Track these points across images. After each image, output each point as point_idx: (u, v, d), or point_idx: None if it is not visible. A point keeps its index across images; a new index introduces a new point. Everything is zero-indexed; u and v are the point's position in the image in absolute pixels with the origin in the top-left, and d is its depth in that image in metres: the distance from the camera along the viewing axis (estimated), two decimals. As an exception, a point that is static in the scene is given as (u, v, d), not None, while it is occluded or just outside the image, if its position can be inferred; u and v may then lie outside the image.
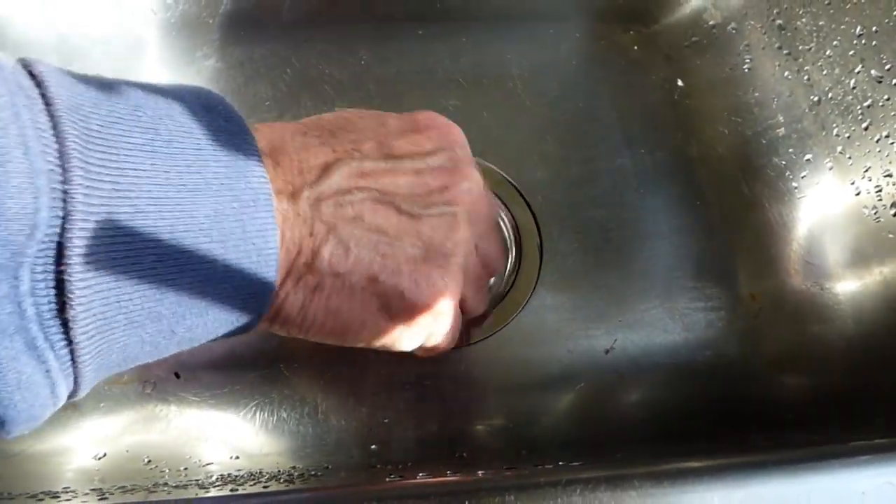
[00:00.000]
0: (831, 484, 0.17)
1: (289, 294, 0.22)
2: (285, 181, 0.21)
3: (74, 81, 0.17)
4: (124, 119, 0.17)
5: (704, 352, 0.35)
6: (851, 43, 0.35)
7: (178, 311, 0.18)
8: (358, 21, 0.44)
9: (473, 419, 0.32)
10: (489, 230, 0.28)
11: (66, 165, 0.15)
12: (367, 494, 0.16)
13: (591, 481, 0.16)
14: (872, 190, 0.34)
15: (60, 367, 0.16)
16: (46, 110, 0.15)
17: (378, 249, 0.23)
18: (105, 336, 0.17)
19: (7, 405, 0.16)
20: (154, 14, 0.42)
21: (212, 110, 0.19)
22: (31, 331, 0.15)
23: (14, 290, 0.15)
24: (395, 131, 0.25)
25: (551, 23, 0.45)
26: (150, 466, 0.28)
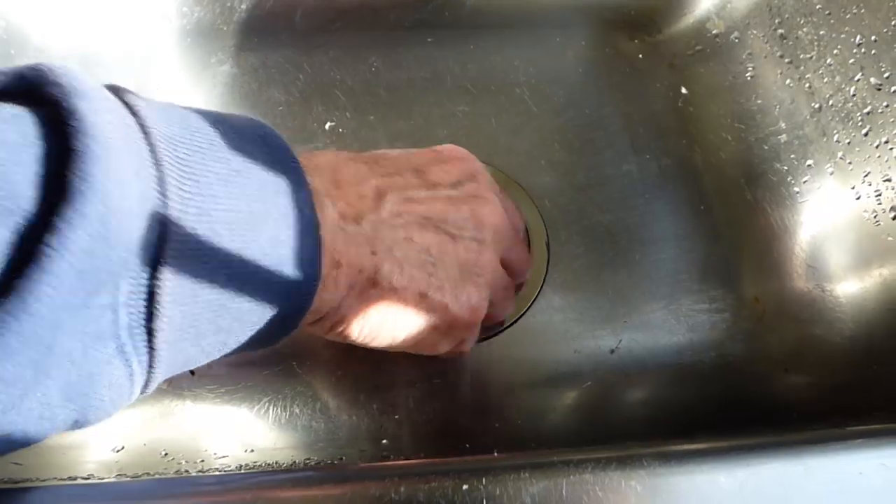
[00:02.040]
0: (830, 464, 0.18)
1: (352, 306, 0.24)
2: (348, 205, 0.24)
3: (160, 110, 0.18)
4: (204, 149, 0.18)
5: (709, 353, 0.36)
6: (851, 52, 0.36)
7: (234, 326, 0.19)
8: (369, 29, 0.45)
9: (482, 416, 0.33)
10: (514, 242, 0.31)
11: (165, 192, 0.17)
12: (389, 471, 0.17)
13: (601, 461, 0.17)
14: (872, 194, 0.35)
15: (140, 371, 0.17)
16: (145, 138, 0.17)
17: (425, 268, 0.25)
18: (178, 345, 0.18)
19: (97, 404, 0.17)
20: (170, 22, 0.43)
21: (268, 142, 0.21)
22: (122, 337, 0.16)
23: (114, 300, 0.16)
24: (425, 162, 0.28)
25: (558, 31, 0.46)
26: (168, 459, 0.29)
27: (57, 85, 0.16)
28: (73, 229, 0.14)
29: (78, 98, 0.15)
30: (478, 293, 0.27)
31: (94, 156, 0.15)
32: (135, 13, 0.42)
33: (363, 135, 0.41)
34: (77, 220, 0.14)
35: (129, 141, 0.16)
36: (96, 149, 0.15)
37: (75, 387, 0.16)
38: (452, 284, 0.26)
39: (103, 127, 0.15)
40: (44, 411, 0.16)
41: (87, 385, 0.16)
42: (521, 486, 0.17)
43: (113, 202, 0.15)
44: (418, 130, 0.42)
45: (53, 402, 0.16)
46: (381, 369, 0.34)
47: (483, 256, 0.27)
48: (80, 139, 0.15)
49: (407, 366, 0.34)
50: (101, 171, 0.15)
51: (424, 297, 0.25)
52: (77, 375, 0.16)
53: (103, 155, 0.15)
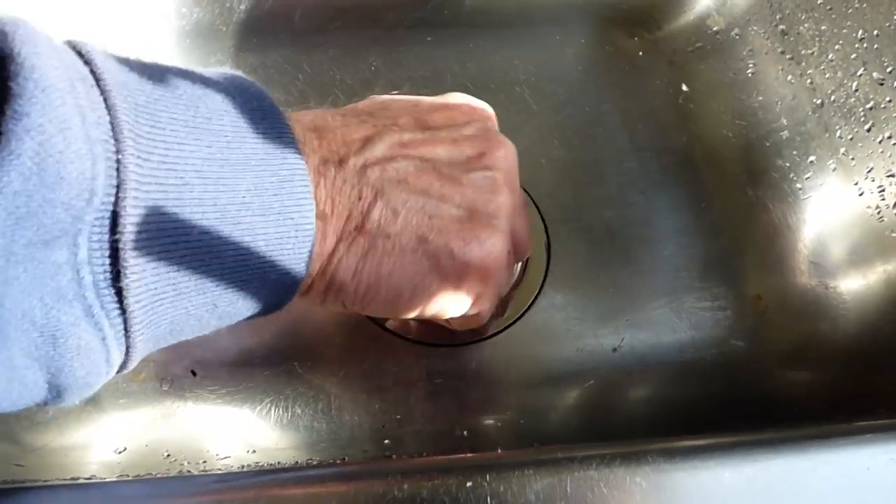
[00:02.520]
0: (837, 459, 0.18)
1: (342, 258, 0.22)
2: (331, 151, 0.22)
3: (118, 61, 0.17)
4: (167, 96, 0.17)
5: (711, 350, 0.36)
6: (853, 47, 0.36)
7: (220, 283, 0.18)
8: (368, 28, 0.45)
9: (484, 415, 0.33)
10: (521, 206, 0.29)
11: (119, 136, 0.15)
12: (393, 469, 0.17)
13: (606, 457, 0.17)
14: (875, 190, 0.35)
15: (115, 336, 0.17)
16: (97, 84, 0.16)
17: (425, 210, 0.23)
18: (155, 307, 0.17)
19: (67, 372, 0.16)
20: (169, 22, 0.43)
21: (245, 92, 0.20)
22: (88, 298, 0.16)
23: (73, 257, 0.15)
24: (428, 108, 0.26)
25: (557, 29, 0.46)
26: (170, 460, 0.29)
27: (1, 33, 0.15)
28: (3, 170, 0.13)
29: (20, 43, 0.15)
30: (492, 237, 0.24)
31: (30, 95, 0.14)
32: (134, 14, 0.42)
33: (363, 134, 0.41)
34: (7, 161, 0.13)
35: (75, 84, 0.15)
36: (32, 88, 0.14)
37: (41, 348, 0.15)
38: (458, 228, 0.23)
39: (43, 69, 0.14)
40: (10, 374, 0.15)
41: (52, 347, 0.16)
42: (525, 482, 0.17)
43: (50, 143, 0.14)
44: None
45: (17, 364, 0.15)
46: (383, 369, 0.34)
47: (497, 197, 0.24)
48: (17, 81, 0.14)
49: (409, 365, 0.34)
50: (36, 111, 0.14)
51: (424, 242, 0.23)
52: (39, 337, 0.15)
53: (40, 95, 0.14)
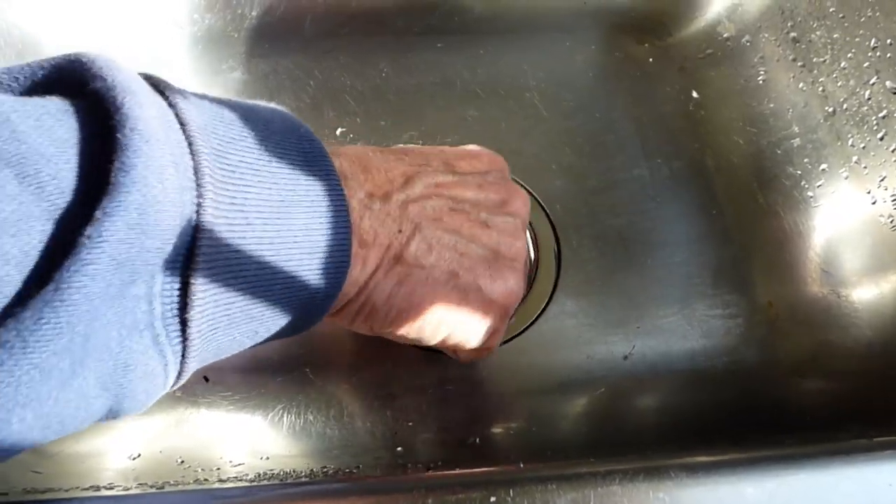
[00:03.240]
0: (859, 475, 0.18)
1: (378, 283, 0.23)
2: (375, 185, 0.23)
3: (195, 102, 0.18)
4: (236, 140, 0.18)
5: (722, 358, 0.36)
6: (866, 55, 0.35)
7: (266, 314, 0.19)
8: (378, 34, 0.45)
9: (496, 422, 0.33)
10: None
11: (200, 182, 0.17)
12: (416, 483, 0.17)
13: (628, 472, 0.17)
14: (888, 199, 0.35)
15: (173, 361, 0.18)
16: (182, 130, 0.17)
17: (456, 248, 0.25)
18: (210, 334, 0.18)
19: (130, 397, 0.17)
20: (181, 29, 0.43)
21: (295, 132, 0.21)
22: (156, 328, 0.17)
23: (149, 290, 0.16)
24: (453, 155, 0.28)
25: (567, 35, 0.46)
26: (184, 466, 0.29)
27: (100, 79, 0.16)
28: (111, 220, 0.14)
29: (121, 92, 0.16)
30: (514, 277, 0.26)
31: (136, 148, 0.15)
32: (147, 20, 0.42)
33: (374, 140, 0.41)
34: (116, 211, 0.14)
35: (169, 133, 0.16)
36: (138, 141, 0.15)
37: (111, 377, 0.16)
38: (485, 267, 0.26)
39: (145, 120, 0.16)
40: (80, 402, 0.16)
41: (123, 375, 0.16)
42: (548, 497, 0.17)
43: (152, 193, 0.15)
44: (428, 135, 0.42)
45: (90, 393, 0.16)
46: (395, 376, 0.34)
47: (517, 242, 0.27)
48: (124, 132, 0.15)
49: (420, 372, 0.34)
50: (141, 163, 0.15)
51: (455, 277, 0.25)
52: (113, 366, 0.16)
53: (144, 147, 0.15)
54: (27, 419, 0.15)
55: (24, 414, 0.15)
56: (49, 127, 0.15)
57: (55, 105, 0.16)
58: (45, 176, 0.14)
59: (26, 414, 0.15)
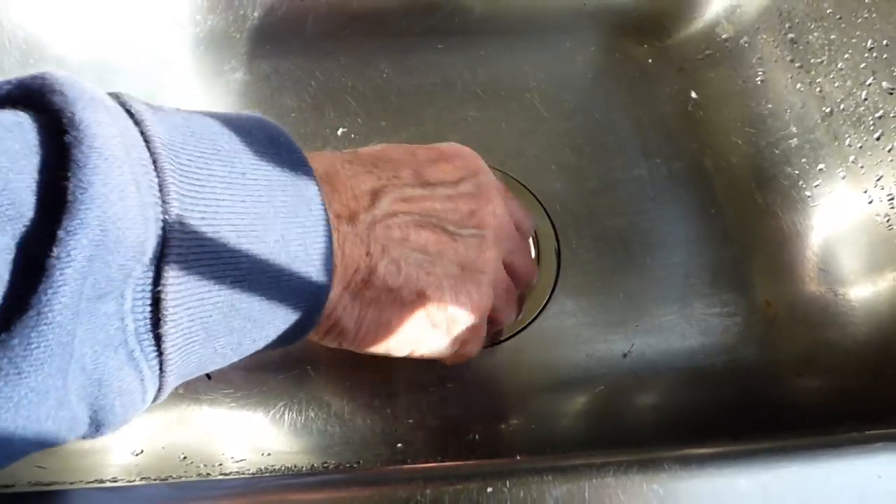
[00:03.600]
0: (850, 467, 0.18)
1: (346, 307, 0.23)
2: (342, 205, 0.23)
3: (163, 118, 0.18)
4: (206, 154, 0.18)
5: (721, 356, 0.36)
6: (863, 56, 0.36)
7: (246, 326, 0.19)
8: (379, 35, 0.45)
9: (496, 419, 0.33)
10: (517, 245, 0.31)
11: (166, 198, 0.17)
12: (415, 474, 0.17)
13: (623, 464, 0.17)
14: (885, 198, 0.35)
15: (151, 376, 0.18)
16: (147, 146, 0.17)
17: (423, 267, 0.25)
18: (188, 348, 0.18)
19: (109, 410, 0.17)
20: (183, 29, 0.43)
21: (275, 142, 0.21)
22: (130, 344, 0.17)
23: (120, 308, 0.16)
24: (425, 160, 0.27)
25: (567, 36, 0.46)
26: (187, 462, 0.29)
27: (60, 94, 0.16)
28: (75, 238, 0.15)
29: (80, 107, 0.16)
30: (479, 291, 0.27)
31: (93, 165, 0.15)
32: (149, 22, 0.42)
33: (375, 140, 0.41)
34: (78, 229, 0.15)
35: (130, 150, 0.16)
36: (95, 159, 0.15)
37: (87, 390, 0.16)
38: (452, 283, 0.26)
39: (105, 137, 0.16)
40: (66, 413, 0.16)
41: (98, 390, 0.17)
42: (544, 489, 0.17)
43: (112, 209, 0.15)
44: (429, 135, 0.42)
45: (73, 404, 0.16)
46: (395, 374, 0.34)
47: (484, 254, 0.27)
48: (81, 149, 0.15)
49: (421, 370, 0.34)
50: (99, 180, 0.15)
51: (422, 296, 0.25)
52: (88, 382, 0.16)
53: (103, 165, 0.15)
54: (28, 437, 0.15)
55: (25, 434, 0.15)
56: (1, 138, 0.15)
57: (9, 118, 0.16)
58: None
59: (27, 433, 0.15)
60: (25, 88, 0.17)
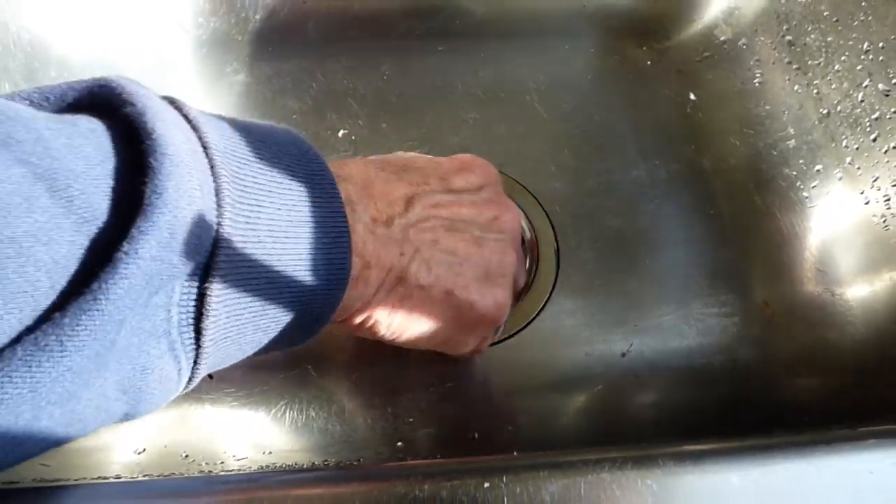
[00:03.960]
0: (841, 463, 0.18)
1: (381, 301, 0.25)
2: (379, 210, 0.25)
3: (217, 124, 0.20)
4: (252, 162, 0.20)
5: (719, 356, 0.36)
6: (859, 58, 0.36)
7: (271, 325, 0.21)
8: (380, 38, 0.45)
9: (496, 419, 0.33)
10: (520, 257, 0.32)
11: (221, 203, 0.18)
12: (414, 470, 0.18)
13: (618, 460, 0.18)
14: (881, 199, 0.35)
15: (186, 367, 0.19)
16: (205, 153, 0.18)
17: (452, 268, 0.27)
18: (221, 343, 0.19)
19: (146, 400, 0.18)
20: (186, 32, 0.44)
21: (304, 155, 0.22)
22: (172, 335, 0.18)
23: (168, 300, 0.17)
24: (449, 170, 0.29)
25: (566, 39, 0.46)
26: (189, 461, 0.30)
27: (130, 104, 0.17)
28: (145, 238, 0.16)
29: (151, 116, 0.17)
30: (503, 292, 0.28)
31: (167, 172, 0.16)
32: (152, 24, 0.43)
33: (376, 142, 0.42)
34: (150, 230, 0.16)
35: (195, 156, 0.18)
36: (168, 166, 0.16)
37: (130, 380, 0.17)
38: (478, 284, 0.27)
39: (175, 145, 0.17)
40: (100, 402, 0.17)
41: (141, 378, 0.18)
42: (540, 484, 0.17)
43: (182, 214, 0.16)
44: (430, 137, 0.42)
45: (109, 394, 0.17)
46: (396, 373, 0.34)
47: (506, 258, 0.29)
48: (156, 157, 0.16)
49: (421, 369, 0.34)
50: (172, 186, 0.16)
51: (451, 295, 0.27)
52: (132, 369, 0.17)
53: (175, 171, 0.16)
54: (55, 416, 0.16)
55: (53, 411, 0.16)
56: (79, 145, 0.16)
57: (85, 125, 0.17)
58: (74, 191, 0.16)
59: (55, 411, 0.16)
60: (93, 95, 0.18)
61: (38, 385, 0.15)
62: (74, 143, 0.16)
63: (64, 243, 0.15)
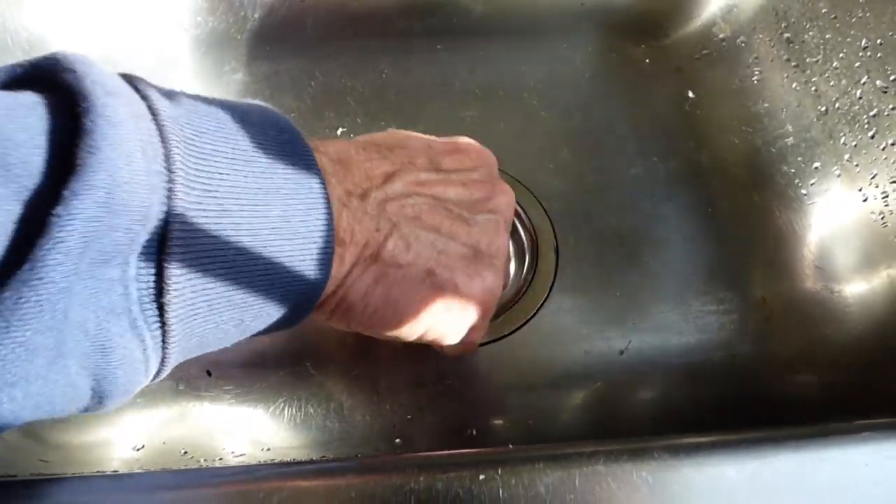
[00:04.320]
0: (836, 456, 0.18)
1: (355, 281, 0.23)
2: (355, 184, 0.24)
3: (168, 95, 0.19)
4: (210, 130, 0.19)
5: (717, 353, 0.36)
6: (857, 55, 0.36)
7: (248, 300, 0.20)
8: (379, 36, 0.45)
9: (494, 415, 0.33)
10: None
11: (171, 167, 0.17)
12: (409, 462, 0.18)
13: (613, 453, 0.18)
14: (879, 196, 0.35)
15: (154, 347, 0.18)
16: (153, 119, 0.18)
17: (435, 246, 0.25)
18: (190, 320, 0.18)
19: (111, 380, 0.18)
20: (185, 31, 0.44)
21: (276, 125, 0.21)
22: (133, 312, 0.17)
23: (123, 274, 0.17)
24: (441, 150, 0.28)
25: (565, 37, 0.46)
26: (188, 457, 0.30)
27: (71, 71, 0.17)
28: (79, 198, 0.15)
29: (91, 82, 0.16)
30: (492, 275, 0.26)
31: (102, 132, 0.16)
32: (151, 23, 0.43)
33: (374, 140, 0.42)
34: (83, 190, 0.15)
35: (138, 120, 0.17)
36: (104, 125, 0.16)
37: (91, 358, 0.17)
38: (464, 265, 0.26)
39: (113, 107, 0.16)
40: (66, 381, 0.17)
41: (101, 357, 0.17)
42: (535, 476, 0.17)
43: (119, 174, 0.16)
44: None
45: (72, 372, 0.17)
46: (394, 370, 0.34)
47: (498, 239, 0.27)
48: (90, 117, 0.16)
49: (419, 367, 0.34)
50: (107, 145, 0.16)
51: (432, 275, 0.25)
52: (91, 347, 0.17)
53: (111, 131, 0.16)
54: (17, 398, 0.16)
55: (13, 393, 0.15)
56: (20, 116, 0.16)
57: (27, 98, 0.16)
58: (13, 159, 0.15)
59: (16, 393, 0.16)
60: (39, 69, 0.17)
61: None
62: (15, 114, 0.16)
63: (2, 213, 0.15)
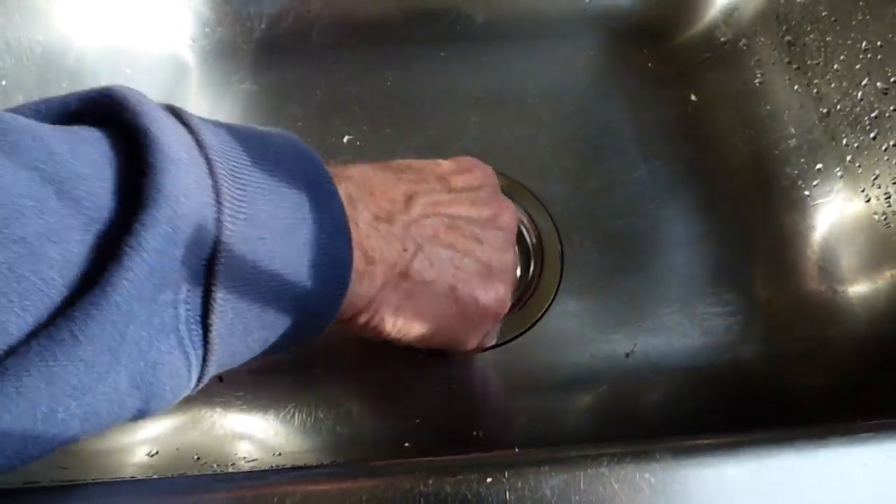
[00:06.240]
0: (836, 456, 0.19)
1: (387, 297, 0.25)
2: (379, 207, 0.26)
3: (213, 128, 0.21)
4: (250, 164, 0.21)
5: (723, 355, 0.36)
6: (858, 57, 0.36)
7: (276, 322, 0.21)
8: (383, 44, 0.46)
9: (500, 419, 0.34)
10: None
11: (220, 200, 0.19)
12: (418, 466, 0.18)
13: (616, 455, 0.18)
14: (882, 197, 0.36)
15: (196, 364, 0.19)
16: (201, 153, 0.19)
17: (453, 262, 0.27)
18: (228, 339, 0.20)
19: (159, 396, 0.19)
20: (193, 42, 0.44)
21: (302, 157, 0.23)
22: (181, 331, 0.18)
23: (175, 297, 0.18)
24: (449, 171, 0.30)
25: (567, 42, 0.47)
26: (201, 462, 0.30)
27: (128, 110, 0.18)
28: (148, 231, 0.16)
29: (147, 120, 0.18)
30: (504, 287, 0.29)
31: (165, 169, 0.17)
32: (160, 35, 0.43)
33: (380, 147, 0.42)
34: (152, 224, 0.17)
35: (191, 156, 0.19)
36: (166, 163, 0.17)
37: (143, 375, 0.18)
38: (480, 280, 0.28)
39: (170, 145, 0.18)
40: (114, 396, 0.18)
41: (152, 374, 0.18)
42: (541, 478, 0.18)
43: (180, 208, 0.17)
44: (433, 141, 0.43)
45: (122, 389, 0.18)
46: (402, 376, 0.35)
47: (506, 255, 0.29)
48: (153, 155, 0.17)
49: (427, 371, 0.35)
50: (170, 182, 0.17)
51: (454, 290, 0.27)
52: (144, 364, 0.18)
53: (172, 168, 0.17)
54: (71, 409, 0.17)
55: (69, 404, 0.17)
56: (83, 151, 0.17)
57: (87, 132, 0.18)
58: (81, 192, 0.16)
59: (71, 404, 0.17)
60: (95, 104, 0.19)
61: (54, 377, 0.16)
62: (78, 149, 0.17)
63: (74, 242, 0.16)
